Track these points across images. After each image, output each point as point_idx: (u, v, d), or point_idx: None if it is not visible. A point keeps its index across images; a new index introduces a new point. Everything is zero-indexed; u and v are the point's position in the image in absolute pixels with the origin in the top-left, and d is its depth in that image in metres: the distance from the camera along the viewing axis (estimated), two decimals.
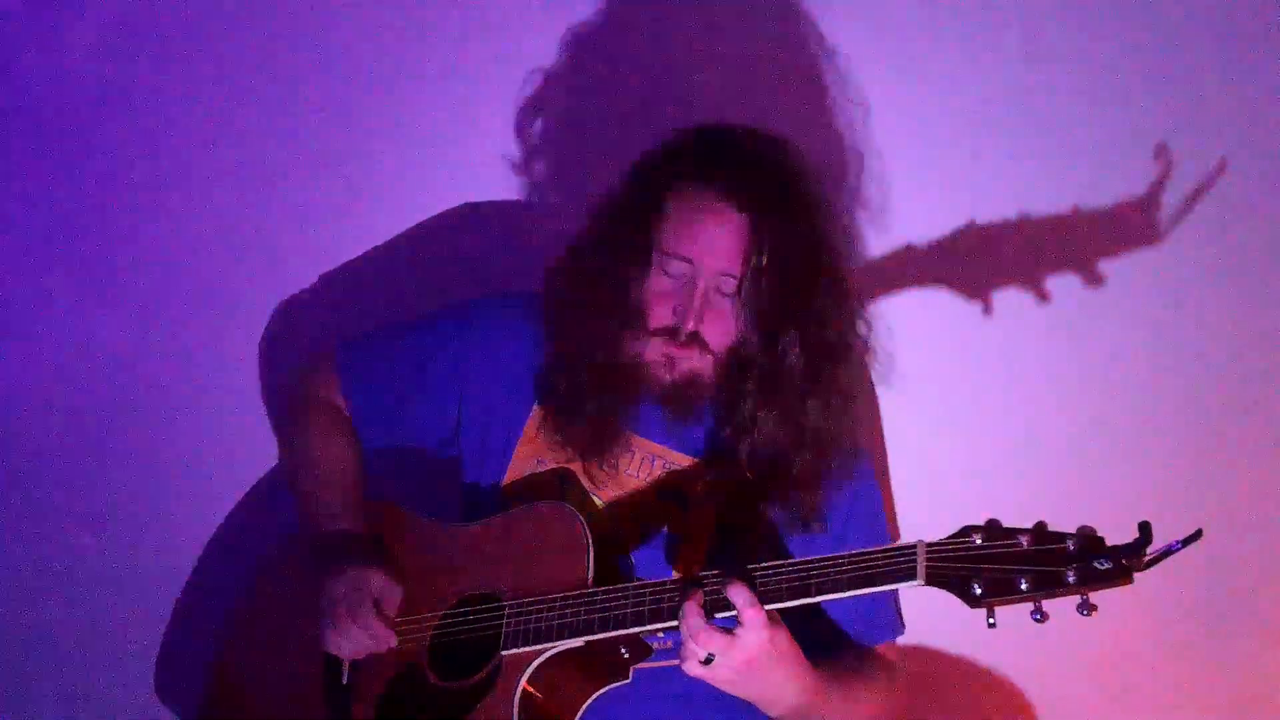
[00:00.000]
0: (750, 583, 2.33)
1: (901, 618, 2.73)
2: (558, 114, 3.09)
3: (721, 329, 2.63)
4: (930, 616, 2.72)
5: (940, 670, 3.09)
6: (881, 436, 3.09)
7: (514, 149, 3.10)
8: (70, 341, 3.16)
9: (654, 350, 2.63)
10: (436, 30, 3.10)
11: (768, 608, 2.32)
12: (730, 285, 2.60)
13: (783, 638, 2.36)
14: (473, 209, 3.15)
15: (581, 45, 3.08)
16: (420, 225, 3.15)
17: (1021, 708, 3.09)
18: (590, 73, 3.09)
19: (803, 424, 2.63)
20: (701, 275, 2.60)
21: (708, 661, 2.33)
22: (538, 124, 3.10)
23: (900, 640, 2.76)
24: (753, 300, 2.60)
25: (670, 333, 2.62)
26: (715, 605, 2.34)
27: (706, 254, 2.60)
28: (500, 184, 3.11)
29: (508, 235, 3.10)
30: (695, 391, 2.65)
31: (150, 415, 3.17)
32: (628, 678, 2.51)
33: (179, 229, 3.15)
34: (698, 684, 2.40)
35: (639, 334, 2.64)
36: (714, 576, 2.37)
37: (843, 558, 2.30)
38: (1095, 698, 3.07)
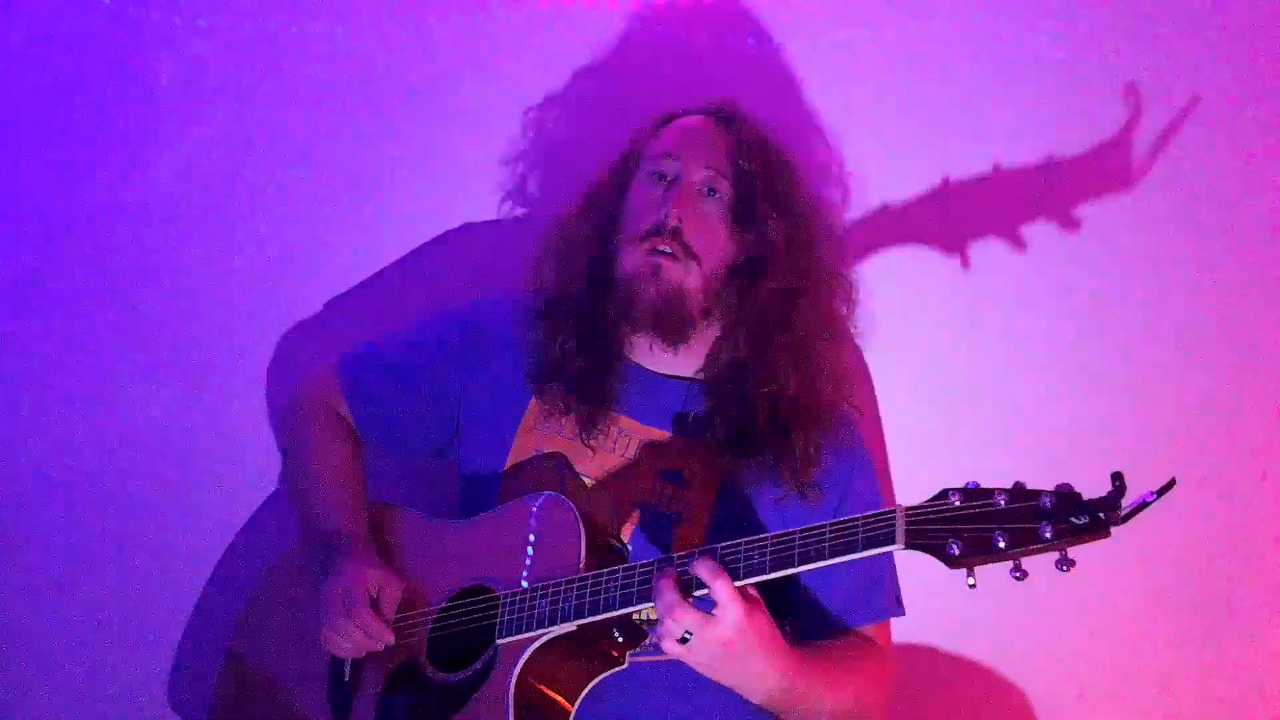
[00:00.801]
0: (719, 558, 2.31)
1: (900, 600, 2.70)
2: (554, 127, 3.12)
3: (707, 233, 2.66)
4: (929, 615, 2.75)
5: (939, 668, 3.08)
6: (876, 411, 3.09)
7: (511, 163, 3.13)
8: (77, 350, 3.17)
9: (639, 258, 2.65)
10: (436, 46, 3.13)
11: (753, 580, 2.31)
12: (717, 183, 2.67)
13: (761, 620, 2.33)
14: (471, 224, 3.17)
15: (578, 60, 3.12)
16: (420, 238, 3.17)
17: (1020, 706, 3.09)
18: (587, 86, 3.12)
19: (792, 331, 2.65)
20: (687, 169, 2.68)
21: (685, 640, 2.30)
22: (535, 138, 3.12)
23: (901, 638, 2.76)
24: (740, 200, 2.67)
25: (655, 232, 2.64)
26: (692, 584, 2.32)
27: (690, 147, 2.70)
28: (498, 197, 3.14)
29: (505, 247, 3.09)
30: (682, 311, 2.65)
31: (156, 421, 3.17)
32: (624, 663, 2.50)
33: (184, 241, 3.16)
34: (697, 676, 2.39)
35: (626, 246, 2.68)
36: (688, 554, 2.36)
37: (824, 526, 2.28)
38: (1093, 695, 3.06)
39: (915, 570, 2.39)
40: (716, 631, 2.29)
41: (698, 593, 2.32)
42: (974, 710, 3.09)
